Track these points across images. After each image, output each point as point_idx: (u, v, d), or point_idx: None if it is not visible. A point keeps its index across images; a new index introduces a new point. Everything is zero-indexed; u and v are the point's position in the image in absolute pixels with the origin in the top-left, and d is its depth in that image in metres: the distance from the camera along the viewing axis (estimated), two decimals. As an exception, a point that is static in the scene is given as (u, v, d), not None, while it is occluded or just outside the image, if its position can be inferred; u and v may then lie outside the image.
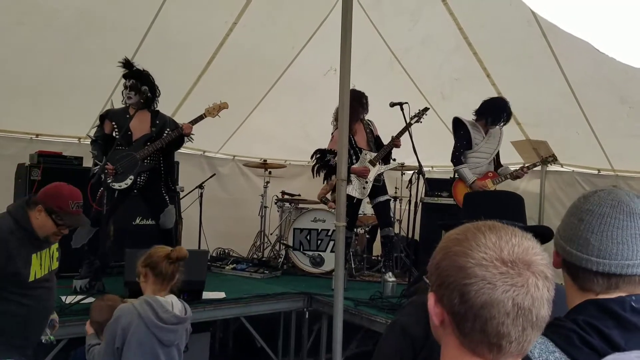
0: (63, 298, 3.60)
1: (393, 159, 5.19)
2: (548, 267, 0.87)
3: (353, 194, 4.82)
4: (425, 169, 4.89)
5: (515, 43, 5.04)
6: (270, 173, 6.40)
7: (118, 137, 4.16)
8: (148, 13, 4.79)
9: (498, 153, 4.97)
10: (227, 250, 6.30)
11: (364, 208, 5.75)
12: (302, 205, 6.06)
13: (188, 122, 4.35)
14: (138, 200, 4.52)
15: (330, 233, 5.46)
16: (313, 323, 4.61)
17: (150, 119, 4.32)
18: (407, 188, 5.42)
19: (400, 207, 6.31)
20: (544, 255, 0.87)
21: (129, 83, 4.23)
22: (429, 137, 5.39)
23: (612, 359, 0.93)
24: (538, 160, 4.93)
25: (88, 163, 4.63)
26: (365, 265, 5.89)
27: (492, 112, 4.72)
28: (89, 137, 4.46)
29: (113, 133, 4.23)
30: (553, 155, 4.94)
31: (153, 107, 4.37)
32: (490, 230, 0.88)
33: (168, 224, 4.41)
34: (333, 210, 5.37)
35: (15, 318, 2.49)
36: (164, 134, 4.32)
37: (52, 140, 5.57)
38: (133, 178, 4.17)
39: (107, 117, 4.30)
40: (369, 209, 5.77)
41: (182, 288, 2.58)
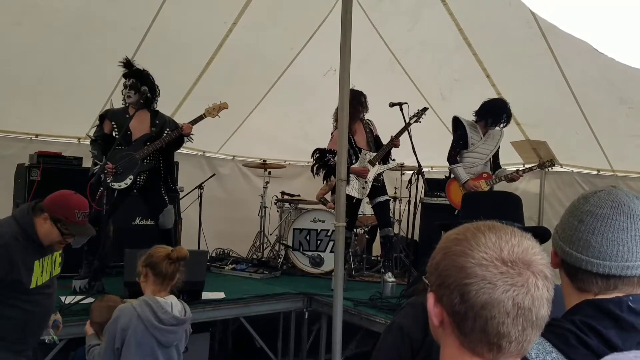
0: (62, 298, 3.58)
1: (392, 159, 5.19)
2: (548, 266, 0.87)
3: (352, 194, 4.83)
4: (425, 169, 4.88)
5: (515, 43, 5.04)
6: (270, 173, 6.40)
7: (118, 137, 4.16)
8: (148, 13, 4.80)
9: (497, 154, 4.97)
10: (226, 251, 6.30)
11: (364, 208, 5.76)
12: (301, 206, 6.06)
13: (188, 122, 4.35)
14: (138, 200, 4.52)
15: (330, 233, 5.45)
16: (312, 323, 4.60)
17: (150, 119, 4.33)
18: (406, 188, 5.42)
19: (400, 207, 6.31)
20: (544, 255, 0.88)
21: (129, 82, 4.24)
22: (429, 137, 5.39)
23: (610, 359, 0.93)
24: (535, 165, 4.92)
25: (88, 163, 4.62)
26: (365, 266, 5.88)
27: (492, 113, 4.72)
28: (89, 137, 4.46)
29: (113, 133, 4.24)
30: (551, 160, 4.93)
31: (153, 107, 4.38)
32: (490, 230, 0.89)
33: (167, 224, 4.41)
34: (332, 211, 5.37)
35: (14, 322, 2.48)
36: (164, 134, 4.32)
37: (51, 141, 5.57)
38: (133, 178, 4.17)
39: (106, 116, 4.30)
40: (369, 209, 5.78)
41: (181, 288, 2.58)
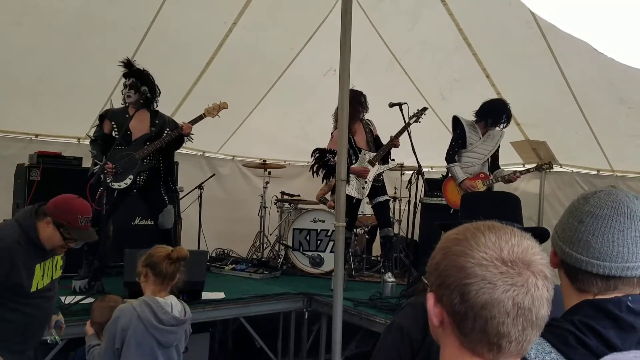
0: (62, 298, 3.58)
1: (392, 159, 5.19)
2: (547, 266, 0.87)
3: (352, 194, 4.83)
4: (425, 170, 4.88)
5: (515, 43, 5.04)
6: (270, 173, 6.40)
7: (117, 136, 4.16)
8: (148, 13, 4.79)
9: (497, 155, 4.97)
10: (226, 251, 6.30)
11: (364, 208, 5.76)
12: (301, 206, 6.05)
13: (188, 122, 4.35)
14: (137, 200, 4.52)
15: (330, 233, 5.45)
16: (312, 323, 4.60)
17: (150, 119, 4.32)
18: (406, 188, 5.42)
19: (400, 207, 6.31)
20: (543, 255, 0.88)
21: (129, 82, 4.24)
22: (429, 137, 5.39)
23: (609, 359, 0.93)
24: (532, 167, 4.93)
25: (87, 163, 4.62)
26: (365, 266, 5.88)
27: (491, 114, 4.72)
28: (89, 136, 4.46)
29: (112, 133, 4.24)
30: (549, 163, 4.92)
31: (152, 107, 4.38)
32: (490, 230, 0.89)
33: (167, 224, 4.41)
34: (332, 211, 5.37)
35: (15, 325, 2.48)
36: (164, 134, 4.32)
37: (51, 141, 5.57)
38: (132, 178, 4.17)
39: (106, 116, 4.30)
40: (369, 209, 5.78)
41: (181, 288, 2.58)
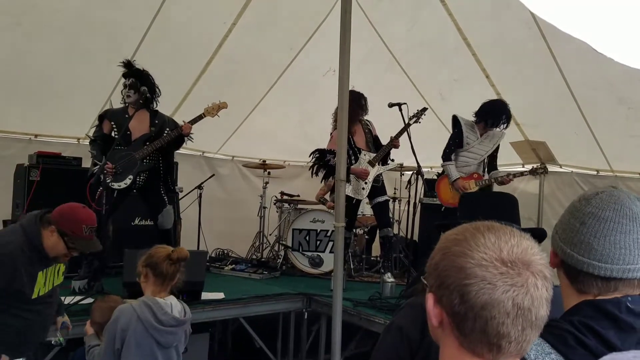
0: (62, 298, 3.56)
1: (391, 160, 5.19)
2: (547, 267, 0.87)
3: (352, 195, 4.83)
4: (424, 170, 4.87)
5: (515, 44, 5.04)
6: (270, 173, 6.40)
7: (117, 137, 4.16)
8: (148, 13, 4.79)
9: (495, 155, 4.96)
10: (226, 251, 6.29)
11: (363, 208, 5.75)
12: (301, 206, 6.06)
13: (187, 121, 4.35)
14: (137, 200, 4.51)
15: (329, 234, 5.45)
16: (312, 324, 4.60)
17: (150, 119, 4.32)
18: (406, 189, 5.43)
19: (399, 207, 6.31)
20: (543, 255, 0.88)
21: (128, 82, 4.24)
22: (428, 137, 5.38)
23: (609, 359, 0.93)
24: (526, 171, 4.91)
25: (87, 163, 4.62)
26: (364, 266, 5.88)
27: (491, 114, 4.71)
28: (88, 137, 4.46)
29: (112, 133, 4.24)
30: (544, 168, 4.91)
31: (152, 107, 4.37)
32: (489, 231, 0.89)
33: (166, 224, 4.41)
34: (332, 211, 5.37)
35: (16, 330, 2.48)
36: (164, 134, 4.32)
37: (51, 141, 5.56)
38: (132, 178, 4.17)
39: (106, 116, 4.30)
40: (368, 210, 5.78)
41: (181, 288, 2.57)
